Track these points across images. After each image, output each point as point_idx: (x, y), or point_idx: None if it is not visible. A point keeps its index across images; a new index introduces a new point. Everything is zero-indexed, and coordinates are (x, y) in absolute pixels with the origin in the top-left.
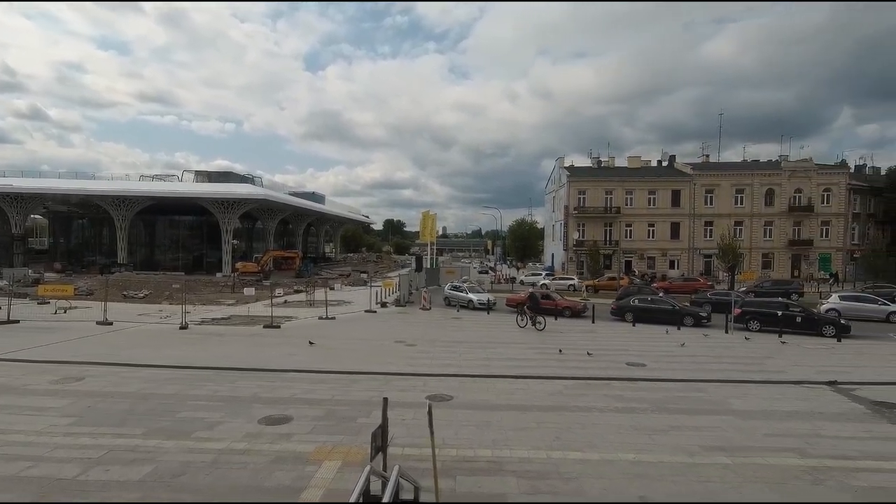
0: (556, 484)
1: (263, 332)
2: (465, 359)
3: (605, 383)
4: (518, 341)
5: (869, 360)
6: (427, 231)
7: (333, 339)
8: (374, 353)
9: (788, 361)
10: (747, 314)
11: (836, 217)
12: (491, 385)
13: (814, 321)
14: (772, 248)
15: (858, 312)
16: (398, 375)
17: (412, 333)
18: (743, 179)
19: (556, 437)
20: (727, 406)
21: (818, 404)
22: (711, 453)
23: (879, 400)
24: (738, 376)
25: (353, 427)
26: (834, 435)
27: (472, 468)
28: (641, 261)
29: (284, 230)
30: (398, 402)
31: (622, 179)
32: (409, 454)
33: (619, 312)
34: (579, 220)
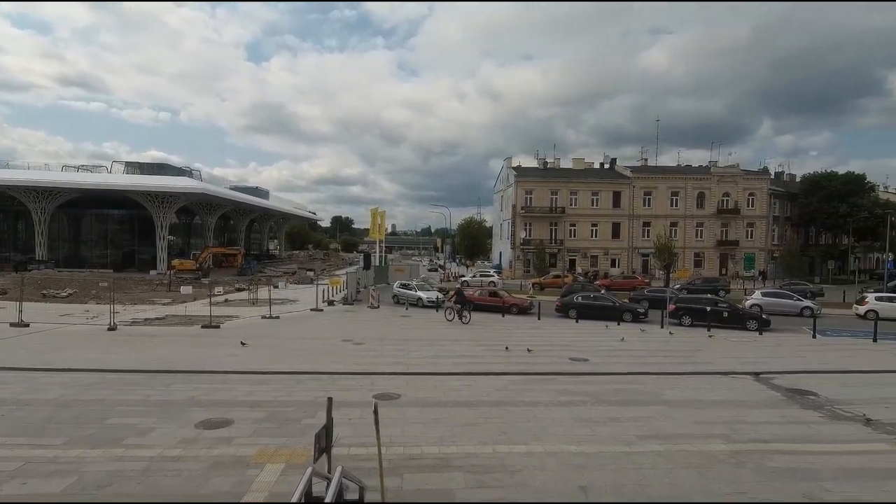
0: (501, 477)
1: (202, 332)
2: (414, 357)
3: (550, 378)
4: (466, 338)
5: (785, 351)
6: (376, 228)
7: (277, 338)
8: (320, 353)
9: (716, 353)
10: (680, 310)
11: (759, 219)
12: (439, 382)
13: (739, 316)
14: (703, 247)
15: (777, 308)
16: (345, 375)
17: (360, 332)
18: (677, 183)
19: (503, 431)
20: (661, 397)
21: (741, 393)
22: (646, 442)
23: (793, 387)
24: (671, 368)
25: (297, 428)
26: (754, 421)
27: (419, 465)
28: (585, 259)
29: (225, 226)
30: (344, 402)
31: (567, 180)
32: (355, 454)
33: (564, 309)
34: (526, 220)
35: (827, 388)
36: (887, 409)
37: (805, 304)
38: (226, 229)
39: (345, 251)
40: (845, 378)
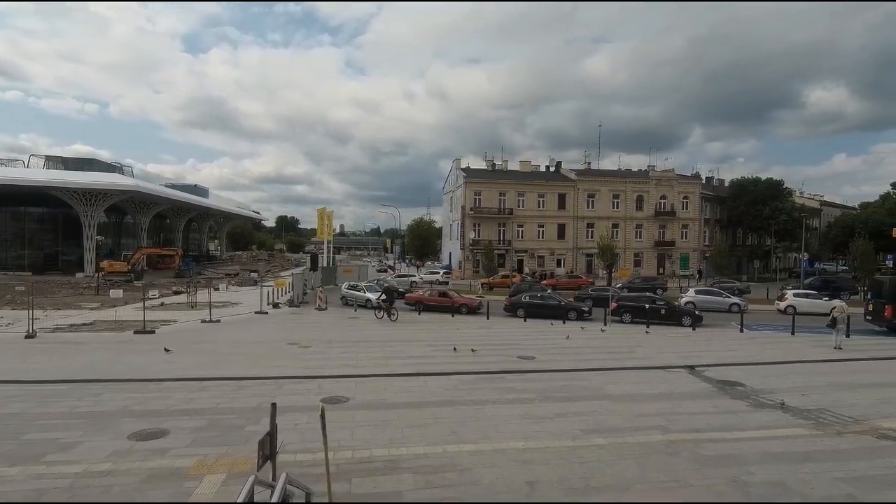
0: (450, 477)
1: (135, 338)
2: (363, 358)
3: (499, 377)
4: (416, 339)
5: (716, 345)
6: (323, 228)
7: (218, 343)
8: (265, 357)
9: (654, 349)
10: (622, 308)
11: (693, 221)
12: (388, 384)
13: (675, 313)
14: (642, 248)
15: (709, 304)
16: (291, 379)
17: (307, 334)
18: (618, 186)
19: (452, 431)
20: (604, 392)
21: (677, 386)
22: (590, 436)
23: (723, 379)
24: (613, 364)
25: (240, 436)
26: (688, 412)
27: (368, 469)
28: (532, 259)
29: (161, 225)
30: (291, 407)
31: (515, 182)
32: (301, 460)
33: (512, 308)
34: (475, 220)
35: (752, 378)
36: (804, 396)
37: (733, 300)
38: (162, 229)
39: (291, 252)
40: (768, 369)
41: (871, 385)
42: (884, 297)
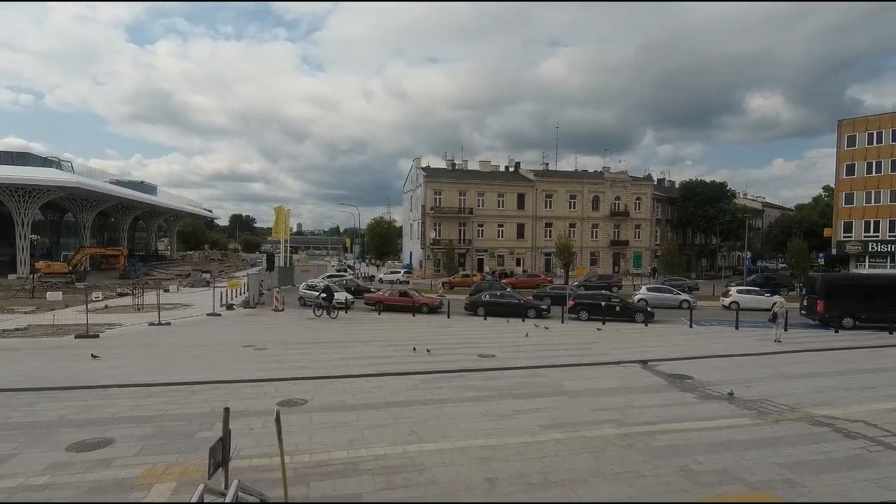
0: (410, 477)
1: (75, 343)
2: (321, 360)
3: (459, 375)
4: (376, 339)
5: (667, 341)
6: (280, 227)
7: (168, 346)
8: (218, 360)
9: (609, 345)
10: (579, 306)
11: (645, 221)
12: (347, 385)
13: (629, 310)
14: (598, 247)
15: (660, 301)
16: (246, 382)
17: (262, 336)
18: (575, 187)
19: (412, 430)
20: (561, 388)
21: (631, 380)
22: (548, 431)
23: (673, 373)
24: (570, 360)
25: (191, 443)
26: (641, 405)
27: (326, 472)
28: (492, 259)
29: (105, 224)
30: (246, 411)
31: (475, 182)
32: (257, 465)
33: (473, 307)
34: (436, 220)
35: (700, 371)
36: (747, 387)
37: (683, 297)
38: (106, 228)
39: (245, 251)
40: (715, 362)
41: (806, 375)
42: (817, 292)
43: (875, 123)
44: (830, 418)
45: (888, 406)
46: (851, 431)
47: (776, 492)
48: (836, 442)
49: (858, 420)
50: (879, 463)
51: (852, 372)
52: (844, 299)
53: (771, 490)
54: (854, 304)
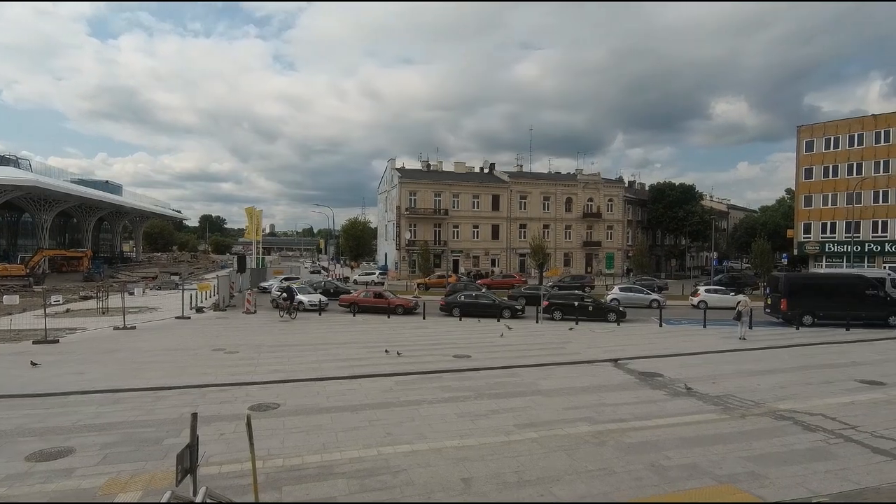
0: (385, 479)
1: (34, 349)
2: (294, 363)
3: (435, 376)
4: (351, 341)
5: (638, 339)
6: (252, 228)
7: (134, 351)
8: (187, 365)
9: (583, 344)
10: (553, 306)
11: (617, 223)
12: (321, 388)
13: (601, 309)
14: (571, 248)
15: (631, 301)
16: (216, 387)
17: (233, 340)
18: (549, 188)
19: (387, 433)
20: (536, 387)
21: (603, 379)
22: (523, 430)
23: (645, 371)
24: (544, 360)
25: (158, 450)
26: (613, 403)
27: (299, 476)
28: (468, 259)
29: (67, 225)
30: (216, 416)
31: (450, 183)
32: (228, 471)
33: (448, 308)
34: (411, 221)
35: (670, 369)
36: (714, 384)
37: (653, 297)
38: (68, 229)
39: (216, 253)
40: (684, 360)
41: (769, 371)
42: (780, 291)
43: (832, 129)
44: (792, 412)
45: (845, 399)
46: (812, 424)
47: (741, 485)
48: (797, 435)
49: (818, 413)
50: (838, 455)
51: (812, 367)
52: (805, 298)
53: (737, 483)
54: (814, 303)
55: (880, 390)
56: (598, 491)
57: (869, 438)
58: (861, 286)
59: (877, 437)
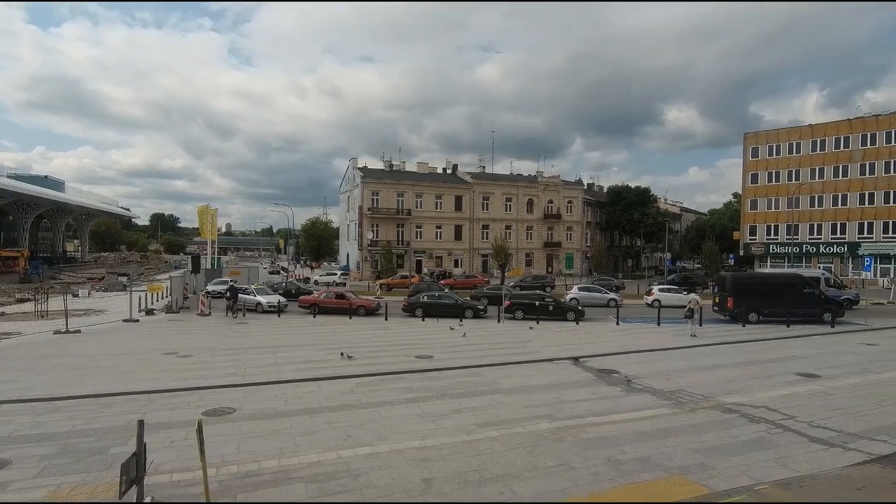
0: (345, 482)
1: None
2: (251, 366)
3: (397, 377)
4: (311, 343)
5: (596, 338)
6: (206, 227)
7: (77, 356)
8: (136, 370)
9: (543, 343)
10: (514, 305)
11: (577, 224)
12: (280, 391)
13: (561, 309)
14: (532, 248)
15: (590, 300)
16: (167, 392)
17: (186, 343)
18: (511, 190)
19: (348, 435)
20: (497, 386)
21: (562, 376)
22: (484, 429)
23: (602, 368)
24: (506, 359)
25: (101, 461)
26: (572, 400)
27: (255, 482)
28: (431, 260)
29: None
30: (166, 423)
31: (413, 183)
32: (178, 480)
33: (411, 309)
34: (373, 221)
35: (626, 366)
36: (667, 379)
37: (611, 296)
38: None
39: (169, 253)
40: (639, 357)
41: (718, 366)
42: (727, 290)
43: (774, 137)
44: (738, 405)
45: (785, 392)
46: (755, 416)
47: (691, 476)
48: (742, 426)
49: (761, 406)
50: (779, 444)
51: (756, 362)
52: (750, 296)
53: (687, 474)
54: (758, 301)
55: (816, 382)
56: (556, 487)
57: (806, 428)
58: (799, 285)
59: (813, 426)
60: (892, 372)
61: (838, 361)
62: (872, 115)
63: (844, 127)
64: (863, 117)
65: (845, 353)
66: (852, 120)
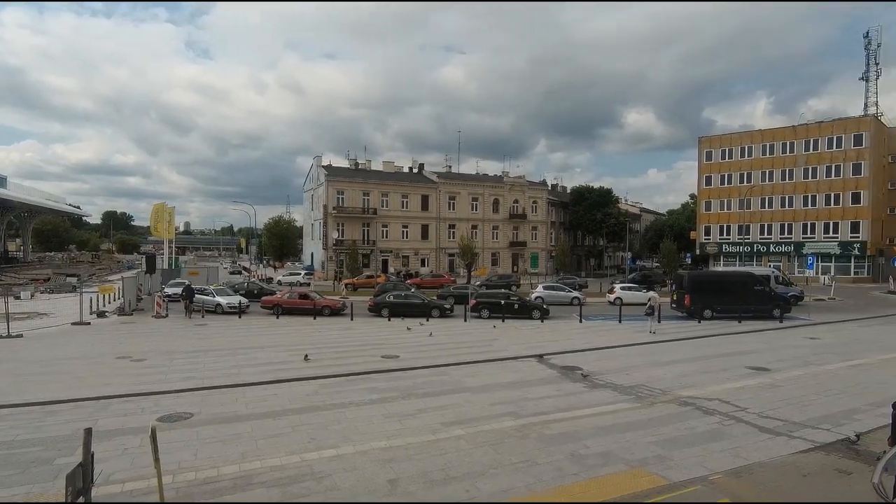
0: (309, 485)
1: None
2: (211, 369)
3: (362, 378)
4: (274, 344)
5: (560, 335)
6: (162, 226)
7: (19, 362)
8: (85, 375)
9: (509, 341)
10: (480, 304)
11: (541, 224)
12: (240, 394)
13: (526, 307)
14: (498, 248)
15: (554, 299)
16: (120, 398)
17: (141, 346)
18: (477, 190)
19: (311, 438)
20: (463, 384)
21: (527, 374)
22: (450, 428)
23: (566, 365)
24: (472, 358)
25: (47, 471)
26: (536, 397)
27: (214, 489)
28: (397, 259)
29: None
30: (120, 430)
31: (379, 182)
32: (132, 489)
33: (377, 308)
34: (338, 220)
35: (589, 363)
36: (628, 375)
37: (574, 294)
38: None
39: (122, 253)
40: (601, 353)
41: (675, 361)
42: (684, 288)
43: (727, 141)
44: (694, 398)
45: (737, 385)
46: (710, 409)
47: (650, 467)
48: (697, 419)
49: (715, 398)
50: (731, 435)
51: (710, 357)
52: (705, 294)
53: (646, 466)
54: (713, 298)
55: (765, 375)
56: (521, 483)
57: (756, 419)
58: (751, 283)
59: (763, 417)
60: (833, 364)
61: (785, 355)
62: (815, 122)
63: (790, 133)
64: (806, 124)
65: (791, 347)
66: (797, 126)
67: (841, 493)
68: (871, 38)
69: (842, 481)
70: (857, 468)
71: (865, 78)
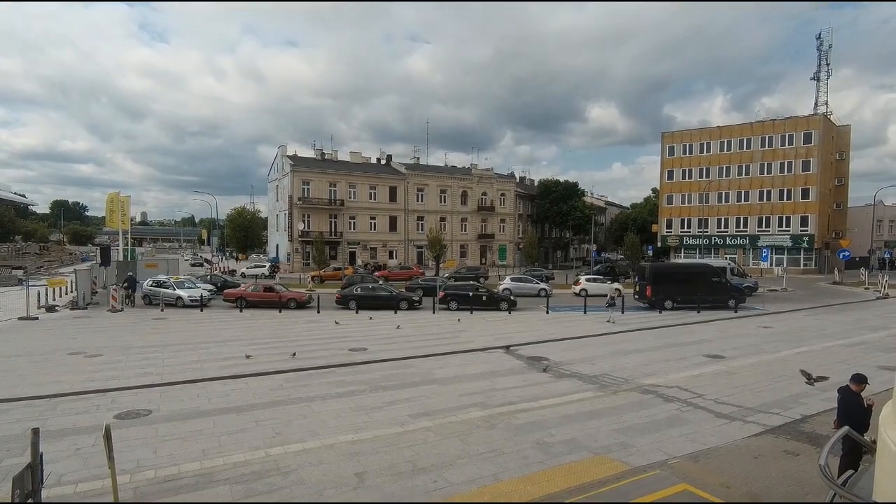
0: (274, 481)
1: None
2: (170, 364)
3: (329, 371)
4: (236, 338)
5: (527, 326)
6: (116, 216)
7: None
8: (34, 373)
9: (476, 332)
10: (449, 296)
11: (510, 216)
12: (202, 390)
13: (494, 299)
14: (467, 240)
15: (522, 290)
16: (73, 396)
17: (95, 342)
18: (445, 182)
19: (277, 432)
20: (432, 376)
21: (495, 365)
22: (418, 420)
23: (533, 355)
24: (440, 349)
25: None
26: (504, 387)
27: (175, 487)
28: (365, 251)
29: None
30: (72, 429)
31: (346, 173)
32: (85, 490)
33: (344, 301)
34: (304, 211)
35: (555, 353)
36: (592, 365)
37: (541, 286)
38: None
39: (75, 244)
40: (567, 344)
41: (637, 351)
42: (646, 279)
43: (688, 137)
44: (655, 386)
45: (695, 372)
46: (670, 396)
47: (613, 454)
48: (658, 406)
49: (674, 386)
50: (689, 420)
51: (670, 346)
52: (666, 285)
53: (609, 453)
54: (673, 289)
55: (721, 363)
56: (488, 472)
57: (712, 405)
58: (708, 275)
59: (719, 403)
60: (785, 352)
61: (740, 343)
62: (770, 119)
63: (747, 129)
64: (762, 121)
65: (746, 336)
66: (753, 123)
67: (790, 473)
68: (823, 40)
69: (790, 462)
70: (803, 449)
71: (817, 77)
